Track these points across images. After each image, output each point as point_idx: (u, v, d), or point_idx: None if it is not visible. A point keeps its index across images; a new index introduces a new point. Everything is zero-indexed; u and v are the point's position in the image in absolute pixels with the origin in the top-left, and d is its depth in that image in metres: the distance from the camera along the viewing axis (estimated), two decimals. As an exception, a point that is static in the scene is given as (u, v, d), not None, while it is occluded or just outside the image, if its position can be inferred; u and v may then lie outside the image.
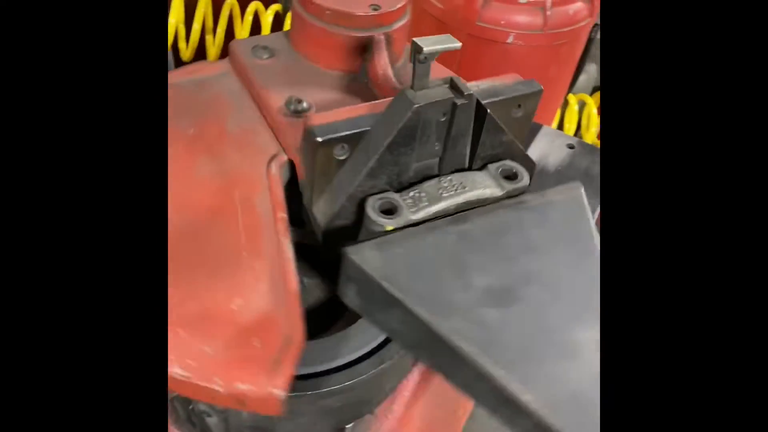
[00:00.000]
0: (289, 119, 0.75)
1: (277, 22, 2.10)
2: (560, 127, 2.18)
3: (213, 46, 2.09)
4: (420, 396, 1.07)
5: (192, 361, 0.59)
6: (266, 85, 0.79)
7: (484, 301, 0.61)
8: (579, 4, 1.46)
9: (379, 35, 0.80)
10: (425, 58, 0.62)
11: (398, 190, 0.69)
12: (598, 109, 2.18)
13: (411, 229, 0.66)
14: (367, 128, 0.66)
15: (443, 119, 0.66)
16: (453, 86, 0.65)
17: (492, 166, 0.73)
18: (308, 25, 0.80)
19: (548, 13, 1.38)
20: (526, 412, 0.54)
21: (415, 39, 0.61)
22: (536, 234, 0.68)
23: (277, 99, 0.77)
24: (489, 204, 0.71)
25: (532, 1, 1.40)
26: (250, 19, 2.06)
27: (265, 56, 0.83)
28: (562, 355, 0.58)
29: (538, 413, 0.54)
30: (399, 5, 0.80)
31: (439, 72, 0.86)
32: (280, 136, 0.75)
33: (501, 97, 0.73)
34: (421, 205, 0.68)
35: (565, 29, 1.43)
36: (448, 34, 0.62)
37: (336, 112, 0.67)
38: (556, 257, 0.67)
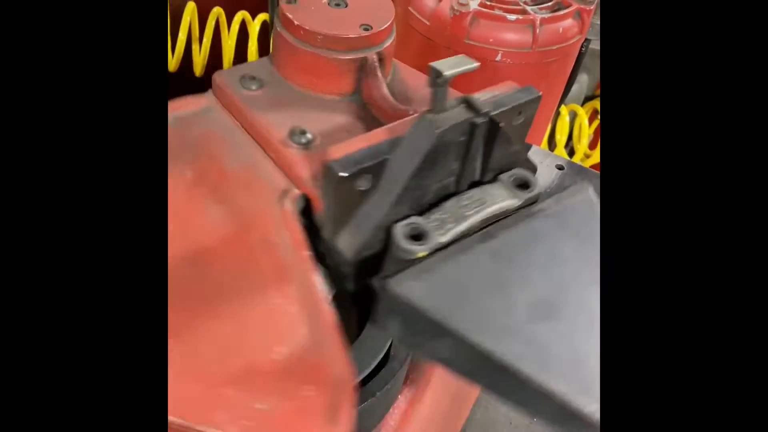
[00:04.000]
0: (296, 151, 0.73)
1: (265, 32, 2.02)
2: (551, 137, 2.15)
3: (199, 56, 2.00)
4: (407, 425, 1.06)
5: (248, 421, 0.56)
6: (262, 117, 0.76)
7: (531, 316, 0.61)
8: (569, 22, 1.43)
9: (372, 56, 0.78)
10: (444, 81, 0.61)
11: (420, 213, 0.69)
12: (589, 119, 2.15)
13: (442, 252, 0.65)
14: (388, 156, 0.65)
15: (462, 139, 0.66)
16: (469, 106, 0.65)
17: (504, 177, 0.74)
18: (298, 51, 0.77)
19: (537, 31, 1.35)
20: (594, 424, 0.56)
21: (433, 63, 0.61)
22: (560, 242, 0.69)
23: (277, 131, 0.74)
24: (509, 216, 0.71)
25: (521, 18, 1.36)
26: (236, 28, 1.97)
27: (254, 87, 0.80)
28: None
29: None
30: (387, 24, 0.79)
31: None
32: (287, 170, 0.73)
33: (505, 108, 0.73)
34: (447, 226, 0.67)
35: (555, 47, 1.40)
36: (463, 55, 0.62)
37: (352, 143, 0.65)
38: (578, 263, 0.68)
